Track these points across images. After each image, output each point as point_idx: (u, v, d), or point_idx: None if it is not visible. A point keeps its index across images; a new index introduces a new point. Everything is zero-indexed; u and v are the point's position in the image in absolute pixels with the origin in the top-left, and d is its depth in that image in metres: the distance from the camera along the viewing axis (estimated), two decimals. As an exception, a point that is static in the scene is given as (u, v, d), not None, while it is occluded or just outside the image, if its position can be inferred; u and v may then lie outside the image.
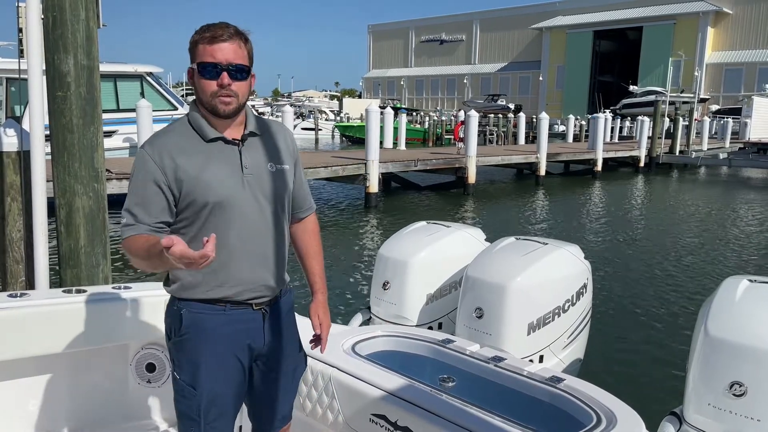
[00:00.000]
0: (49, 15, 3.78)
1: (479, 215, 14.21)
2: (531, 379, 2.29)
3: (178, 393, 1.94)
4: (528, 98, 69.25)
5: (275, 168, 1.93)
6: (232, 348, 1.92)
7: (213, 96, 1.81)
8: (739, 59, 58.04)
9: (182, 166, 1.81)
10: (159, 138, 1.87)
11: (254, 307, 1.93)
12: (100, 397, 2.99)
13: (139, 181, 1.81)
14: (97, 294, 2.88)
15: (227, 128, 1.88)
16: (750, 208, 15.97)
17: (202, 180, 1.81)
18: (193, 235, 1.85)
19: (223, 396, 1.92)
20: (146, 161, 1.81)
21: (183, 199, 1.82)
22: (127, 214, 1.80)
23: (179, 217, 1.86)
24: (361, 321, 3.93)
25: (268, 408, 2.07)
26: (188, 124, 1.89)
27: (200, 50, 1.79)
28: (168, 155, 1.81)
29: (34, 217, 3.82)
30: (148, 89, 14.41)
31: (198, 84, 1.82)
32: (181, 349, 1.93)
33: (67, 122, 3.84)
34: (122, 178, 10.25)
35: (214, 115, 1.85)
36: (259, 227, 1.90)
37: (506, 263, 3.32)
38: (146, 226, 1.79)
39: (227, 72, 1.78)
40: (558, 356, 3.35)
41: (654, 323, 6.62)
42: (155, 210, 1.80)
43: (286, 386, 2.08)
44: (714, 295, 2.64)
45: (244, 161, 1.87)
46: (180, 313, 1.92)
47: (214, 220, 1.83)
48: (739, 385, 2.35)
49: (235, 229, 1.85)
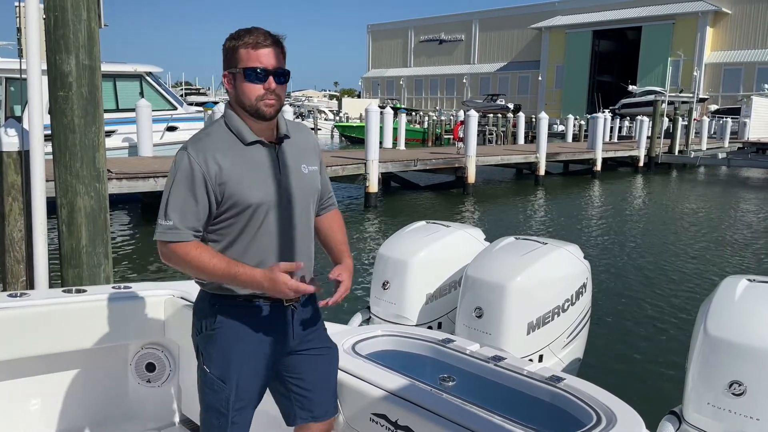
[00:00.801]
0: (50, 15, 3.79)
1: (479, 215, 14.23)
2: (531, 378, 2.30)
3: (207, 386, 1.97)
4: (527, 98, 69.26)
5: (308, 169, 2.01)
6: (263, 343, 1.97)
7: (258, 99, 1.85)
8: (738, 59, 58.07)
9: (225, 168, 1.84)
10: (201, 140, 1.88)
11: (285, 302, 1.98)
12: (100, 396, 3.00)
13: (181, 183, 1.82)
14: (97, 294, 2.89)
15: (263, 131, 1.93)
16: (749, 207, 15.99)
17: (243, 182, 1.85)
18: (234, 236, 1.89)
19: (250, 390, 1.98)
20: (191, 163, 1.82)
21: (225, 201, 1.85)
22: (168, 216, 1.81)
23: (220, 218, 1.89)
24: (361, 321, 3.94)
25: (301, 400, 2.11)
26: (225, 126, 1.92)
27: (244, 55, 1.84)
28: (212, 158, 1.83)
29: (33, 216, 3.83)
30: (148, 89, 14.40)
31: (241, 88, 1.86)
32: (213, 343, 1.96)
33: (68, 122, 3.85)
34: (122, 178, 10.24)
35: (257, 118, 1.89)
36: (293, 227, 1.96)
37: (506, 263, 3.33)
38: (191, 232, 1.82)
39: (273, 76, 1.85)
40: (557, 356, 3.36)
41: (653, 322, 6.64)
42: (199, 214, 1.83)
43: (324, 377, 2.12)
44: (713, 295, 2.65)
45: (282, 163, 1.94)
46: (214, 308, 1.96)
47: (254, 221, 1.88)
48: (739, 384, 2.36)
49: (272, 230, 1.91)
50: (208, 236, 1.90)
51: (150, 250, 9.83)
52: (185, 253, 1.81)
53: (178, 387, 3.11)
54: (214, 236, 1.91)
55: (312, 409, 2.11)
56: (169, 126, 14.66)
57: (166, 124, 14.57)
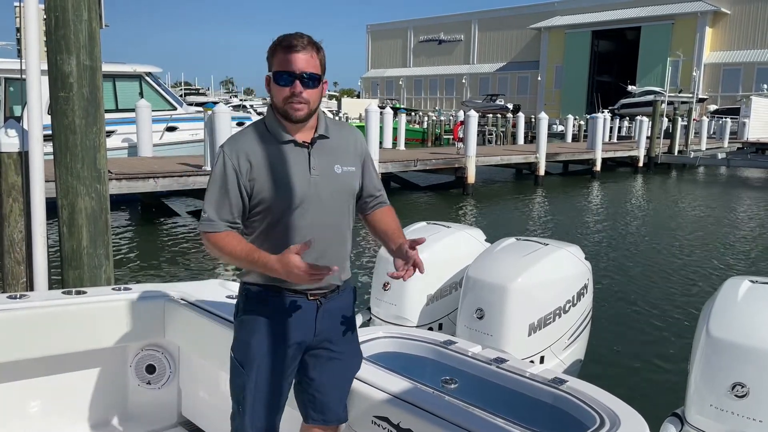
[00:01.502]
0: (51, 15, 3.78)
1: (479, 215, 14.22)
2: (533, 380, 2.30)
3: (231, 372, 2.08)
4: (527, 98, 69.26)
5: (341, 170, 2.06)
6: (283, 333, 2.03)
7: (285, 102, 1.94)
8: (738, 59, 58.10)
9: (256, 166, 1.95)
10: (236, 140, 2.01)
11: (309, 297, 2.04)
12: (100, 398, 2.99)
13: (217, 180, 1.96)
14: (97, 295, 2.88)
15: (299, 131, 2.01)
16: (749, 208, 15.99)
17: (271, 180, 1.95)
18: (263, 230, 2.01)
19: (269, 382, 2.02)
20: (225, 162, 1.95)
21: (255, 197, 1.96)
22: (206, 210, 1.97)
23: (251, 213, 2.00)
24: (362, 322, 3.93)
25: (313, 400, 2.14)
26: (264, 126, 2.03)
27: (278, 59, 1.93)
28: (244, 156, 1.95)
29: (32, 217, 3.82)
30: (147, 89, 14.38)
31: (273, 90, 1.96)
32: (240, 328, 2.09)
33: (69, 123, 3.85)
34: (122, 179, 10.23)
35: (286, 119, 1.98)
36: (322, 225, 2.02)
37: (507, 264, 3.32)
38: (224, 224, 1.95)
39: (300, 80, 1.91)
40: (559, 357, 3.36)
41: (655, 324, 6.63)
42: (232, 208, 1.96)
43: (335, 382, 2.14)
44: (715, 296, 2.64)
45: (312, 163, 2.00)
46: (242, 296, 2.10)
47: (284, 218, 1.97)
48: (741, 386, 2.36)
49: (300, 226, 1.99)
50: (244, 229, 2.03)
51: (150, 251, 9.82)
52: (215, 241, 1.95)
53: (178, 389, 3.10)
54: (247, 230, 2.04)
55: (324, 412, 2.13)
56: (168, 126, 14.64)
57: (165, 125, 14.55)
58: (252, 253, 1.92)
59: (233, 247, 1.94)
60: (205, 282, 3.27)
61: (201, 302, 2.87)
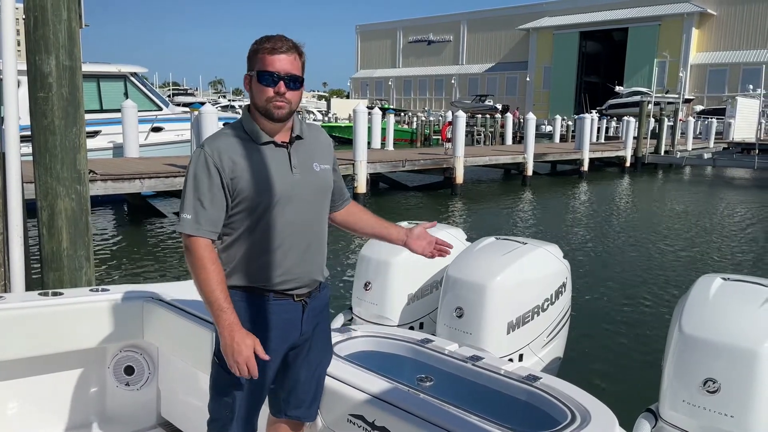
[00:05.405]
0: (30, 15, 3.76)
1: (466, 215, 14.27)
2: (508, 377, 2.32)
3: (215, 375, 2.07)
4: (515, 99, 69.50)
5: (320, 167, 2.11)
6: (271, 337, 2.03)
7: (268, 101, 1.96)
8: (723, 60, 58.65)
9: (238, 165, 1.95)
10: (216, 139, 2.00)
11: (295, 298, 2.07)
12: (78, 400, 2.98)
13: (198, 180, 1.94)
14: (74, 296, 2.87)
15: (277, 132, 2.03)
16: (732, 207, 16.15)
17: (255, 179, 1.96)
18: (244, 230, 2.00)
19: (257, 384, 2.03)
20: (206, 160, 1.94)
21: (237, 196, 1.96)
22: (187, 210, 1.93)
23: (232, 212, 1.99)
24: (343, 321, 3.94)
25: (287, 396, 2.17)
26: (241, 128, 2.03)
27: (261, 60, 1.95)
28: (226, 155, 1.95)
29: (9, 219, 3.78)
30: (132, 89, 14.32)
31: (255, 89, 1.98)
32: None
33: (48, 123, 3.82)
34: (107, 179, 10.18)
35: (268, 119, 2.00)
36: (305, 222, 2.06)
37: (486, 263, 3.34)
38: (207, 226, 1.93)
39: (284, 81, 1.95)
40: (537, 355, 3.38)
41: (632, 321, 6.70)
42: (215, 207, 1.94)
43: (310, 377, 2.17)
44: (688, 294, 2.68)
45: (293, 162, 2.03)
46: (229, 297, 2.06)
47: (266, 216, 1.98)
48: (713, 381, 2.39)
49: (284, 225, 2.00)
50: (224, 229, 2.00)
51: (134, 252, 9.77)
52: (195, 248, 1.92)
53: (157, 390, 3.10)
54: (226, 229, 2.00)
55: (299, 407, 2.17)
56: (154, 127, 14.57)
57: (151, 125, 14.48)
58: (220, 295, 1.89)
59: (212, 273, 1.91)
60: (184, 282, 3.25)
61: (180, 303, 2.87)
